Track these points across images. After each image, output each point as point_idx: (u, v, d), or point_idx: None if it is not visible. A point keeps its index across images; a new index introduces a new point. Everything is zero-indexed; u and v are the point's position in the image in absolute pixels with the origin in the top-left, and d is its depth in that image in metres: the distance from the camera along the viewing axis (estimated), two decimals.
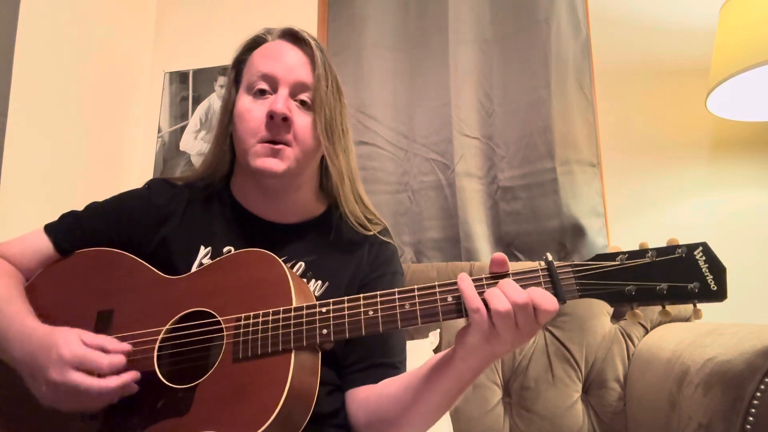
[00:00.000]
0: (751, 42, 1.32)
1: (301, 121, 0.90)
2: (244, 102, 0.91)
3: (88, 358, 0.74)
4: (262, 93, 0.90)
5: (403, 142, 1.80)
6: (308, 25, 1.98)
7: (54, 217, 0.99)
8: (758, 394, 0.79)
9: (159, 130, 2.07)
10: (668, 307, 0.66)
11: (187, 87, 2.08)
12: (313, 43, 0.93)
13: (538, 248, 1.63)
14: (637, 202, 1.66)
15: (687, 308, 1.31)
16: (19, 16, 1.54)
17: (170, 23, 2.18)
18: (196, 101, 2.05)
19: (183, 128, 2.05)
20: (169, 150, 2.04)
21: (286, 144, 0.88)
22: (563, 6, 1.73)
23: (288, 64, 0.91)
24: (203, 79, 2.07)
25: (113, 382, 0.74)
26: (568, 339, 1.37)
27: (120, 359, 0.75)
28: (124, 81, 2.03)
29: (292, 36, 0.95)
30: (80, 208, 1.00)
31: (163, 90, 2.10)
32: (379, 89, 1.83)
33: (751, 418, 0.79)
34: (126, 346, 0.77)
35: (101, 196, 1.02)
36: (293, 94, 0.91)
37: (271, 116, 0.87)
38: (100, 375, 0.74)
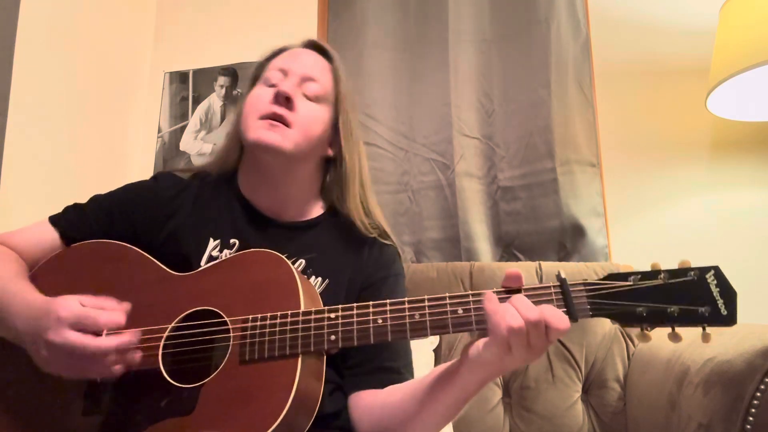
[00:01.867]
0: (751, 42, 1.32)
1: (305, 108, 0.93)
2: (255, 90, 0.96)
3: (84, 314, 0.73)
4: (273, 85, 0.95)
5: (403, 142, 1.80)
6: (308, 25, 1.97)
7: None
8: (758, 394, 0.79)
9: (159, 130, 2.07)
10: (678, 330, 0.66)
11: (187, 87, 2.08)
12: (332, 54, 1.01)
13: (538, 248, 1.63)
14: (637, 202, 1.66)
15: None
16: (19, 16, 1.54)
17: (170, 23, 2.18)
18: (196, 101, 2.05)
19: (183, 128, 2.05)
20: (169, 150, 2.04)
21: (287, 125, 0.91)
22: (563, 6, 1.73)
23: (303, 61, 0.98)
24: (203, 79, 2.06)
25: (111, 341, 0.72)
26: (568, 339, 1.37)
27: (118, 317, 0.74)
28: (124, 81, 2.02)
29: (313, 45, 1.03)
30: (91, 196, 1.00)
31: (163, 90, 2.10)
32: (379, 89, 1.83)
33: (751, 418, 0.79)
34: (126, 305, 0.76)
35: None
36: (301, 84, 0.95)
37: (276, 96, 0.91)
38: (99, 334, 0.72)
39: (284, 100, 0.90)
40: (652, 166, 1.66)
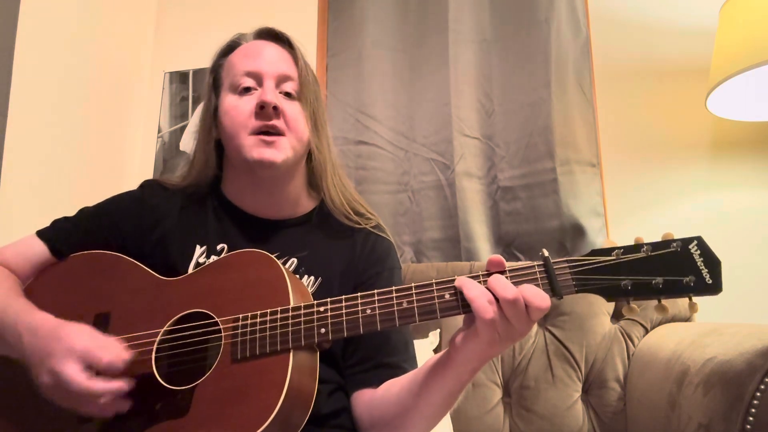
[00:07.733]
0: (751, 42, 1.32)
1: (291, 110, 0.92)
2: (230, 100, 0.93)
3: (91, 353, 0.73)
4: (247, 90, 0.92)
5: (403, 142, 1.80)
6: (308, 25, 1.98)
7: (54, 218, 0.99)
8: (758, 394, 0.79)
9: (159, 130, 2.07)
10: (664, 302, 0.66)
11: (187, 87, 2.08)
12: (290, 38, 0.97)
13: (538, 248, 1.62)
14: (637, 202, 1.66)
15: (685, 308, 1.31)
16: (19, 16, 1.54)
17: (170, 23, 2.18)
18: (196, 101, 2.05)
19: (183, 128, 2.05)
20: (169, 150, 2.04)
21: (280, 134, 0.90)
22: (563, 6, 1.73)
23: (269, 59, 0.94)
24: (203, 79, 2.05)
25: (99, 385, 0.72)
26: (567, 339, 1.37)
27: (118, 367, 0.74)
28: (124, 81, 2.02)
29: (269, 34, 0.98)
30: (80, 208, 1.00)
31: (163, 90, 2.10)
32: (379, 89, 1.83)
33: (751, 418, 0.79)
34: (127, 355, 0.76)
35: (101, 196, 1.02)
36: (278, 86, 0.93)
37: (261, 106, 0.89)
38: (98, 373, 0.73)
39: (272, 110, 0.89)
40: (652, 166, 1.66)
